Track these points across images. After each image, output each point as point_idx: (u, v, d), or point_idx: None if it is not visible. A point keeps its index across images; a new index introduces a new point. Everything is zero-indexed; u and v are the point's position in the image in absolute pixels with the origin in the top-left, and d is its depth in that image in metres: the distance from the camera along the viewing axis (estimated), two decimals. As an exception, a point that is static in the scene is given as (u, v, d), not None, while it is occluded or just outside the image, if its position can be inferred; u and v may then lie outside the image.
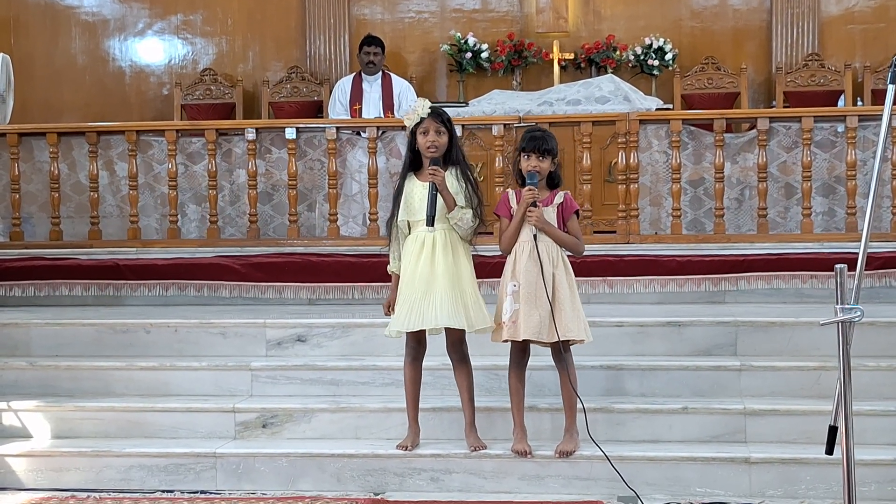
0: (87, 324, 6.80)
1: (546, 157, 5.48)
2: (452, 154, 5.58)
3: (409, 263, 5.55)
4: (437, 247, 5.50)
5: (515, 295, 5.44)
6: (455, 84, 11.04)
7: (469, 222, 5.51)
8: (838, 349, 3.66)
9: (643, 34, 10.80)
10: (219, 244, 7.89)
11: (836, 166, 7.72)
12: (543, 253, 5.43)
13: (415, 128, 5.55)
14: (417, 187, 5.56)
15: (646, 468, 5.54)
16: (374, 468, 5.71)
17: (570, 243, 5.54)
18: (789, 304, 7.11)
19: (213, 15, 11.37)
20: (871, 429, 5.56)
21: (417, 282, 5.48)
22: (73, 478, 5.88)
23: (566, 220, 5.54)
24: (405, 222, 5.61)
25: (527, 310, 5.40)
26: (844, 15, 10.85)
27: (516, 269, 5.47)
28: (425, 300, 5.45)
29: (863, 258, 3.68)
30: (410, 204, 5.57)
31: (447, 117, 5.58)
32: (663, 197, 7.83)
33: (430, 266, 5.48)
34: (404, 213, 5.59)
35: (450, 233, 5.54)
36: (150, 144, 8.21)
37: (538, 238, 5.43)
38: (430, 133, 5.50)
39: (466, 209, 5.51)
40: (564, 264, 5.50)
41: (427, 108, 5.52)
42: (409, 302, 5.50)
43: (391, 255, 5.70)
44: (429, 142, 5.49)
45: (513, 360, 5.61)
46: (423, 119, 5.51)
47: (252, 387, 6.32)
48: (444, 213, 5.49)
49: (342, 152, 8.12)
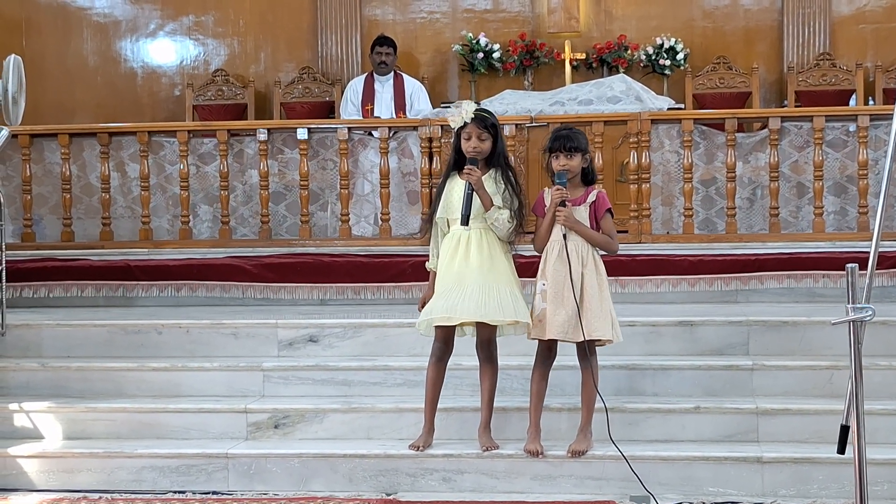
0: (99, 325, 6.81)
1: (574, 155, 5.46)
2: (496, 156, 5.56)
3: (445, 261, 5.56)
4: (472, 244, 5.50)
5: (543, 294, 5.44)
6: (467, 84, 11.03)
7: (505, 223, 5.49)
8: (850, 348, 3.65)
9: (655, 34, 10.78)
10: (230, 245, 7.90)
11: (848, 166, 7.70)
12: (573, 252, 5.41)
13: (459, 130, 5.54)
14: (457, 185, 5.56)
15: (658, 468, 5.53)
16: (386, 468, 5.71)
17: (601, 242, 5.52)
18: (801, 304, 7.10)
19: (224, 16, 11.37)
20: (883, 428, 5.55)
21: (453, 276, 5.49)
22: (85, 479, 5.89)
23: (599, 218, 5.52)
24: (444, 219, 5.62)
25: (552, 309, 5.40)
26: (856, 14, 10.82)
27: (546, 268, 5.47)
28: (456, 295, 5.45)
29: (874, 257, 3.67)
30: (449, 202, 5.57)
31: (491, 122, 5.54)
32: (675, 196, 7.82)
33: (465, 262, 5.49)
34: (443, 211, 5.60)
35: (486, 232, 5.53)
36: (161, 145, 8.22)
37: (568, 237, 5.42)
38: (472, 139, 5.49)
39: (503, 210, 5.49)
40: (595, 263, 5.48)
41: (472, 112, 5.48)
42: (442, 297, 5.50)
43: (430, 253, 5.72)
44: (470, 147, 5.49)
45: (538, 358, 5.60)
46: (467, 123, 5.49)
47: (264, 387, 6.32)
48: (481, 212, 5.49)
49: (354, 152, 8.13)
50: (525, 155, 8.15)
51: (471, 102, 5.59)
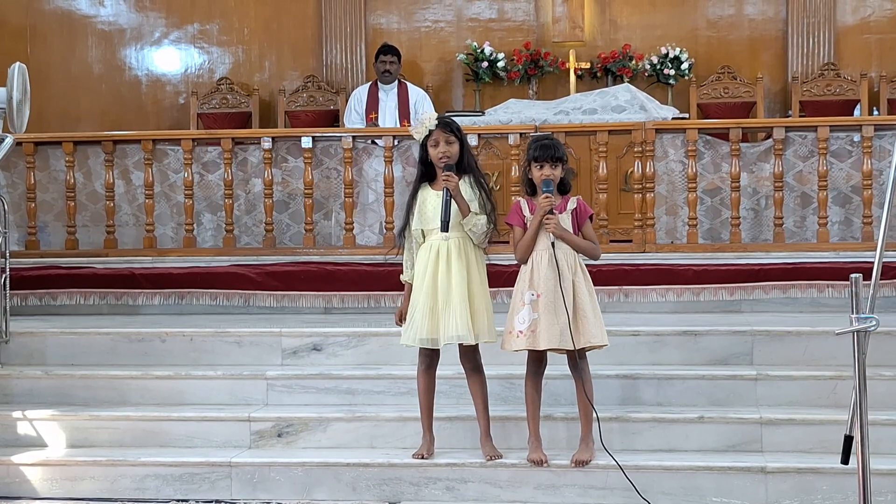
0: (103, 332, 6.81)
1: (558, 165, 5.48)
2: (465, 161, 5.58)
3: (422, 272, 5.54)
4: (452, 256, 5.50)
5: (534, 304, 5.42)
6: (471, 93, 11.04)
7: (483, 228, 5.52)
8: (854, 358, 3.65)
9: (659, 43, 10.79)
10: (234, 253, 7.90)
11: (853, 176, 7.69)
12: (562, 260, 5.41)
13: (425, 140, 5.57)
14: (431, 196, 5.57)
15: (661, 477, 5.52)
16: (390, 477, 5.71)
17: (587, 248, 5.53)
18: (805, 314, 7.09)
19: (229, 24, 11.39)
20: (886, 438, 5.54)
21: (435, 294, 5.48)
22: (88, 487, 5.89)
23: (581, 225, 5.54)
24: (419, 231, 5.61)
25: (548, 318, 5.38)
26: (860, 24, 10.82)
27: (534, 278, 5.46)
28: (443, 314, 5.45)
29: (878, 268, 3.67)
30: (424, 213, 5.58)
31: (456, 126, 5.60)
32: (679, 206, 7.81)
33: (447, 278, 5.48)
34: (418, 222, 5.60)
35: (464, 241, 5.54)
36: (166, 153, 8.23)
37: (556, 246, 5.42)
38: (440, 144, 5.52)
39: (481, 215, 5.52)
40: (583, 271, 5.50)
41: (434, 119, 5.56)
42: (422, 312, 5.49)
43: (404, 265, 5.70)
44: (440, 152, 5.52)
45: (529, 369, 5.59)
46: (432, 131, 5.53)
47: (267, 396, 6.32)
48: (458, 219, 5.50)
49: (358, 161, 8.13)
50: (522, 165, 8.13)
51: (431, 112, 5.66)
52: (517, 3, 11.15)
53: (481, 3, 11.21)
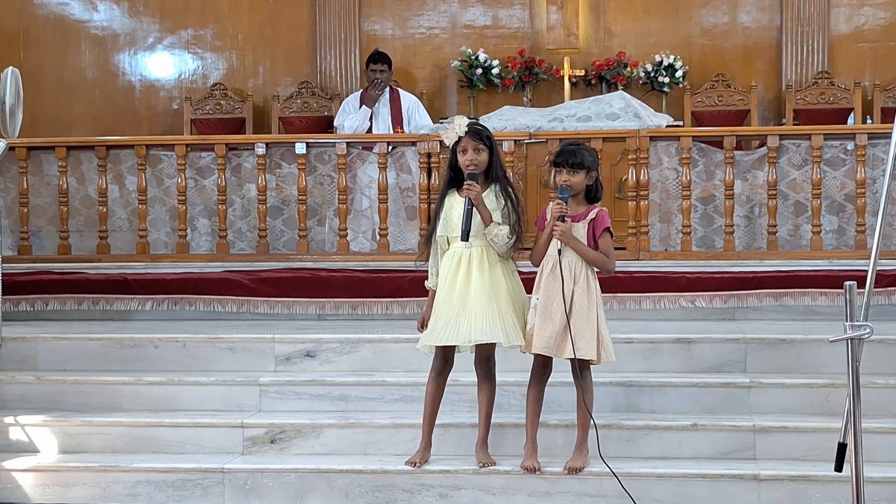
0: (95, 338, 6.80)
1: (578, 172, 5.41)
2: (493, 170, 5.53)
3: (446, 280, 5.52)
4: (474, 263, 5.46)
5: (536, 309, 5.43)
6: (465, 100, 11.04)
7: (505, 238, 5.45)
8: (848, 366, 3.64)
9: (654, 51, 10.80)
10: (228, 259, 7.89)
11: (846, 184, 7.69)
12: (566, 268, 5.39)
13: (454, 146, 5.52)
14: (457, 203, 5.52)
15: (655, 485, 5.53)
16: (383, 484, 5.70)
17: (596, 260, 5.46)
18: (799, 322, 7.09)
19: (223, 30, 11.39)
20: (879, 446, 5.55)
21: (455, 298, 5.45)
22: (80, 493, 5.88)
23: (597, 236, 5.47)
24: (444, 238, 5.58)
25: (540, 323, 5.39)
26: (854, 33, 10.84)
27: (540, 282, 5.46)
28: (460, 317, 5.42)
29: (872, 275, 3.66)
30: (449, 220, 5.53)
31: (486, 134, 5.51)
32: (673, 214, 7.82)
33: (467, 283, 5.45)
34: (443, 229, 5.56)
35: (487, 249, 5.49)
36: (159, 159, 8.21)
37: (562, 253, 5.40)
38: (468, 152, 5.45)
39: (503, 226, 5.45)
40: (587, 282, 5.43)
41: (465, 126, 5.45)
42: (444, 318, 5.47)
43: (430, 271, 5.67)
44: (468, 160, 5.45)
45: (533, 374, 5.58)
46: (462, 137, 5.47)
47: (260, 402, 6.31)
48: (480, 228, 5.46)
49: (352, 167, 8.13)
50: (524, 171, 8.14)
51: (463, 117, 5.55)
52: (512, 11, 11.16)
53: (476, 9, 11.21)
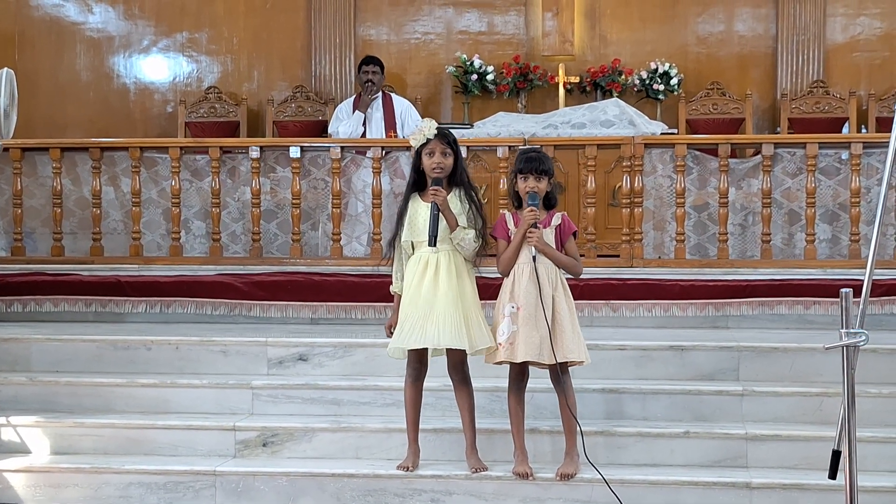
0: (88, 340, 6.79)
1: (543, 178, 5.47)
2: (457, 175, 5.57)
3: (412, 284, 5.53)
4: (441, 268, 5.48)
5: (514, 316, 5.42)
6: (460, 106, 11.04)
7: (471, 243, 5.49)
8: (843, 373, 3.65)
9: (649, 59, 10.81)
10: (221, 262, 7.88)
11: (840, 193, 7.70)
12: (543, 275, 5.41)
13: (420, 148, 5.54)
14: (421, 207, 5.55)
15: (646, 492, 5.52)
16: (375, 488, 5.70)
17: (568, 265, 5.53)
18: (792, 330, 7.09)
19: (218, 34, 11.37)
20: (872, 455, 5.55)
21: (421, 303, 5.46)
22: (72, 494, 5.87)
23: (564, 241, 5.54)
24: (409, 242, 5.59)
25: (526, 331, 5.38)
26: (850, 43, 10.86)
27: (515, 290, 5.46)
28: (427, 320, 5.43)
29: (868, 282, 3.67)
30: (414, 224, 5.56)
31: (453, 138, 5.56)
32: (667, 221, 7.82)
33: (433, 287, 5.46)
34: (408, 234, 5.57)
35: (453, 254, 5.52)
36: (154, 161, 8.20)
37: (537, 259, 5.42)
38: (435, 154, 5.49)
39: (469, 230, 5.49)
40: (563, 286, 5.50)
41: (433, 129, 5.51)
42: (410, 321, 5.48)
43: (394, 276, 5.69)
44: (434, 163, 5.49)
45: (511, 382, 5.59)
46: (430, 140, 5.50)
47: (253, 405, 6.30)
48: (447, 233, 5.48)
49: (346, 172, 8.13)
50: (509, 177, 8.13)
51: (432, 120, 5.59)
52: (507, 17, 11.16)
53: (471, 15, 11.21)
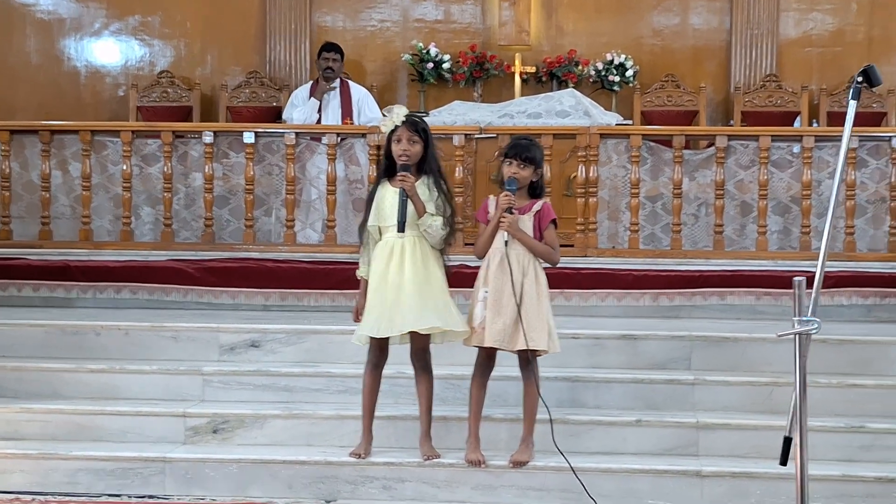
0: (36, 325, 6.71)
1: (528, 166, 5.46)
2: (427, 163, 5.54)
3: (378, 269, 5.50)
4: (406, 253, 5.46)
5: (485, 301, 5.42)
6: (416, 94, 11.01)
7: (438, 230, 5.46)
8: (794, 360, 3.67)
9: (605, 50, 10.83)
10: (172, 247, 7.81)
11: (792, 186, 7.76)
12: (514, 261, 5.40)
13: (390, 134, 5.51)
14: (389, 193, 5.52)
15: (599, 480, 5.53)
16: (327, 475, 5.67)
17: (542, 252, 5.51)
18: (743, 321, 7.13)
19: (171, 17, 11.26)
20: (821, 444, 5.57)
21: (388, 288, 5.44)
22: (18, 480, 5.79)
23: (542, 228, 5.52)
24: (376, 227, 5.56)
25: (491, 316, 5.39)
26: (802, 38, 10.94)
27: (488, 275, 5.45)
28: (394, 307, 5.41)
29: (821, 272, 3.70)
30: (381, 209, 5.53)
31: (423, 126, 5.53)
32: (621, 211, 7.84)
33: (399, 273, 5.44)
34: (375, 219, 5.55)
35: (420, 240, 5.49)
36: (104, 145, 8.10)
37: (509, 245, 5.41)
38: (402, 141, 5.47)
39: (436, 217, 5.46)
40: (535, 273, 5.48)
41: (402, 115, 5.48)
42: (378, 308, 5.46)
43: (361, 260, 5.66)
44: (400, 150, 5.46)
45: (478, 368, 5.58)
46: (398, 127, 5.47)
47: (203, 392, 6.25)
48: (414, 219, 5.45)
49: (301, 158, 8.07)
50: (473, 166, 8.15)
51: (402, 107, 5.57)
52: (464, 6, 11.15)
53: (427, 4, 11.18)
